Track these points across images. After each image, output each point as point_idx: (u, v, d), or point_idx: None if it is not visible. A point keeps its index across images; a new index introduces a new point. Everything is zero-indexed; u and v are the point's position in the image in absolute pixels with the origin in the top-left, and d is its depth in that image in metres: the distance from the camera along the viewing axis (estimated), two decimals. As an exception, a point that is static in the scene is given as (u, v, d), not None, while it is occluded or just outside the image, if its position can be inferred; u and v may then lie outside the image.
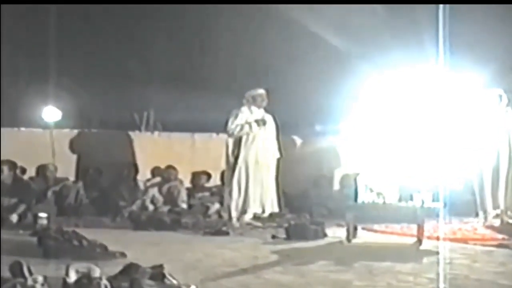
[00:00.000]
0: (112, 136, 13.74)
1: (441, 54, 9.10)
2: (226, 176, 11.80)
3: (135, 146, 13.71)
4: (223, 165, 12.16)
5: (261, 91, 11.81)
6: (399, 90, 12.39)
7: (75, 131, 13.71)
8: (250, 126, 11.56)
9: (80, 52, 14.53)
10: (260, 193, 11.52)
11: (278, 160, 11.78)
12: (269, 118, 11.81)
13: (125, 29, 14.81)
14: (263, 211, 11.58)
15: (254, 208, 11.51)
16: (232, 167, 11.58)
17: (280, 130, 11.99)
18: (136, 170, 13.24)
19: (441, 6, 8.95)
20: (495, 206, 11.58)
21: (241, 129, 11.57)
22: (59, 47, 14.17)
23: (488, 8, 13.43)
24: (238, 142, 11.59)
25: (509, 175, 11.59)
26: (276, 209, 11.66)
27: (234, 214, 11.45)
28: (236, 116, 11.60)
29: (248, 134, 11.58)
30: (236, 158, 11.53)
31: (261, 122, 11.61)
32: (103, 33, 14.66)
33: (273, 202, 11.63)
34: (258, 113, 11.72)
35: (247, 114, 11.66)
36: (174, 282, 5.95)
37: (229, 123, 11.61)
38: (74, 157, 13.39)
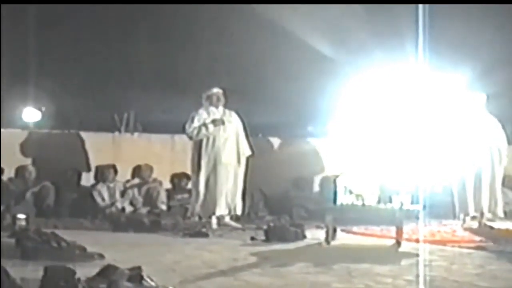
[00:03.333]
0: (91, 137, 13.67)
1: (421, 54, 9.14)
2: (193, 181, 11.69)
3: (115, 147, 13.66)
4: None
5: (216, 90, 11.64)
6: (380, 91, 12.41)
7: (55, 132, 13.64)
8: (207, 128, 11.44)
9: (60, 53, 14.48)
10: (227, 194, 11.46)
11: (248, 158, 11.68)
12: (234, 116, 11.70)
13: (106, 30, 14.77)
14: (235, 211, 11.54)
15: (223, 210, 11.44)
16: (196, 171, 11.51)
17: (247, 127, 11.86)
18: (115, 172, 13.19)
19: (420, 6, 8.99)
20: (476, 209, 11.61)
21: (199, 131, 11.43)
22: (39, 47, 14.12)
23: (468, 8, 13.50)
24: (198, 145, 11.48)
25: (491, 178, 11.62)
26: (239, 211, 11.60)
27: (197, 218, 11.43)
28: (192, 119, 11.43)
29: (207, 136, 11.48)
30: (199, 162, 11.45)
31: (218, 122, 11.45)
32: (83, 34, 14.62)
33: (239, 203, 11.57)
34: (217, 113, 11.57)
35: (204, 116, 11.50)
36: (152, 284, 5.93)
37: (187, 127, 11.46)
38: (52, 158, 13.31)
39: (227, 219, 11.44)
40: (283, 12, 13.82)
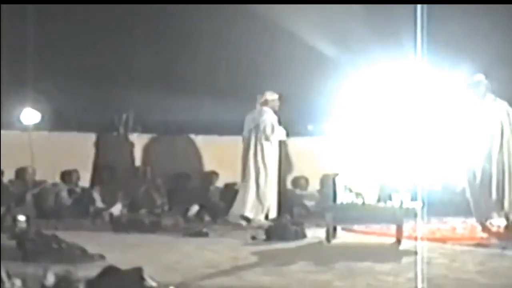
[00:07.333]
0: (91, 138, 13.70)
1: (419, 53, 9.14)
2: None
3: (114, 148, 13.69)
4: (204, 167, 12.28)
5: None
6: (378, 89, 12.41)
7: (54, 133, 13.63)
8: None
9: (58, 53, 14.46)
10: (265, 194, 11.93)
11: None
12: None
13: (105, 31, 14.74)
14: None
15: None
16: (265, 169, 11.92)
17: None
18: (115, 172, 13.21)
19: (418, 6, 8.99)
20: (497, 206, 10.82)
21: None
22: (37, 48, 14.09)
23: (465, 8, 13.51)
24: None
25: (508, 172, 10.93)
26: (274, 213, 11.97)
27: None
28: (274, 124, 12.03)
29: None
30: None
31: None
32: (82, 35, 14.59)
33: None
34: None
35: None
36: (154, 284, 5.94)
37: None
38: (51, 159, 13.30)
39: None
40: (282, 11, 13.82)
